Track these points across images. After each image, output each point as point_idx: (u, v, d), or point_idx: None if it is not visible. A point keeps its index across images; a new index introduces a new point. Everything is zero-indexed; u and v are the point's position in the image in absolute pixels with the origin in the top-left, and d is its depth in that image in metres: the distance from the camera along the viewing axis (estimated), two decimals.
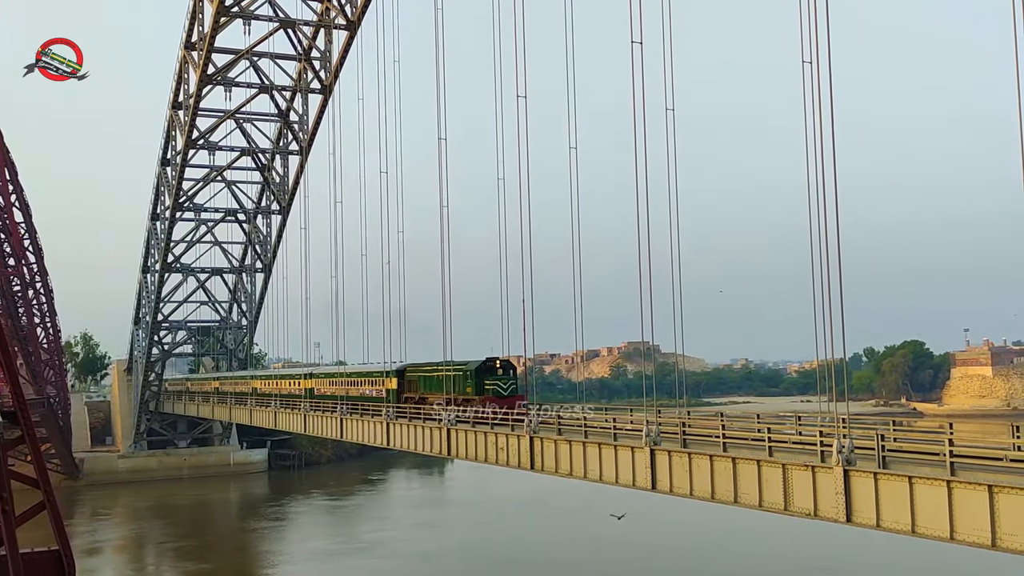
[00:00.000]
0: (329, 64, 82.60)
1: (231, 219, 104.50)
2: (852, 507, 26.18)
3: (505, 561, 65.23)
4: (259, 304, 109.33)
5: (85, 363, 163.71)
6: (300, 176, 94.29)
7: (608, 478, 36.05)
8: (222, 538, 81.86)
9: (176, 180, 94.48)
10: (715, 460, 30.95)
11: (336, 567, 65.32)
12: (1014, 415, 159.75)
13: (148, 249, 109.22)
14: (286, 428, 77.00)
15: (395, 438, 54.25)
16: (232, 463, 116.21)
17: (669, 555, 64.14)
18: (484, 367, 50.13)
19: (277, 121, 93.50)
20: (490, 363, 50.29)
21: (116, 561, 71.23)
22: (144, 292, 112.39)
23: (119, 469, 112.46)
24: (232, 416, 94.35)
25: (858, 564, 56.62)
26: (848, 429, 26.75)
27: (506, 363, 50.65)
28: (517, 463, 41.62)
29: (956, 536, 23.56)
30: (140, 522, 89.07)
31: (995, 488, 22.67)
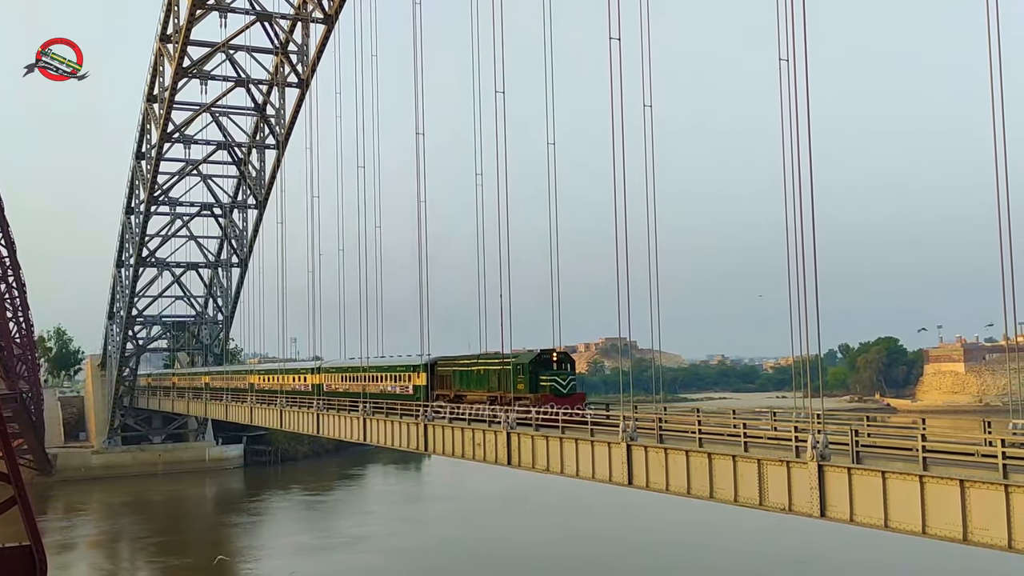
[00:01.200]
0: (306, 58, 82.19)
1: (207, 213, 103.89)
2: (826, 502, 26.39)
3: (490, 557, 65.07)
4: (235, 299, 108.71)
5: (58, 358, 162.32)
6: (277, 170, 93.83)
7: (585, 474, 36.16)
8: (201, 534, 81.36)
9: (151, 174, 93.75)
10: (691, 456, 31.10)
11: (322, 561, 64.90)
12: (986, 411, 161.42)
13: (122, 243, 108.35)
14: (262, 424, 76.58)
15: (371, 434, 54.12)
16: (207, 459, 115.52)
17: (652, 550, 64.32)
18: (539, 360, 43.87)
19: (253, 115, 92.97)
20: (545, 355, 43.95)
21: (90, 557, 70.66)
22: (118, 287, 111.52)
23: (93, 465, 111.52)
24: (208, 412, 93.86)
25: (835, 560, 57.06)
26: (823, 425, 26.97)
27: (564, 356, 44.77)
28: (494, 459, 41.63)
29: (928, 530, 23.80)
30: (114, 518, 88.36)
31: (967, 483, 22.92)
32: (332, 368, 66.98)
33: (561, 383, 43.06)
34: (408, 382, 54.94)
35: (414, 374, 54.10)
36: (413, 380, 54.26)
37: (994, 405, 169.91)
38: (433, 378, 52.51)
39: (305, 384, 70.41)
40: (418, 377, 53.57)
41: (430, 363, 52.92)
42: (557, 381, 43.07)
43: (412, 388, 54.23)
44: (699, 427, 31.07)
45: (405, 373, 55.33)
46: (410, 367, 54.77)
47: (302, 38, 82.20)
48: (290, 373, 75.16)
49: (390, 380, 57.05)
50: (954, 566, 48.38)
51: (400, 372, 56.09)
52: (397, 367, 56.72)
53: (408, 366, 55.20)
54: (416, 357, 54.89)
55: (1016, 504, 21.87)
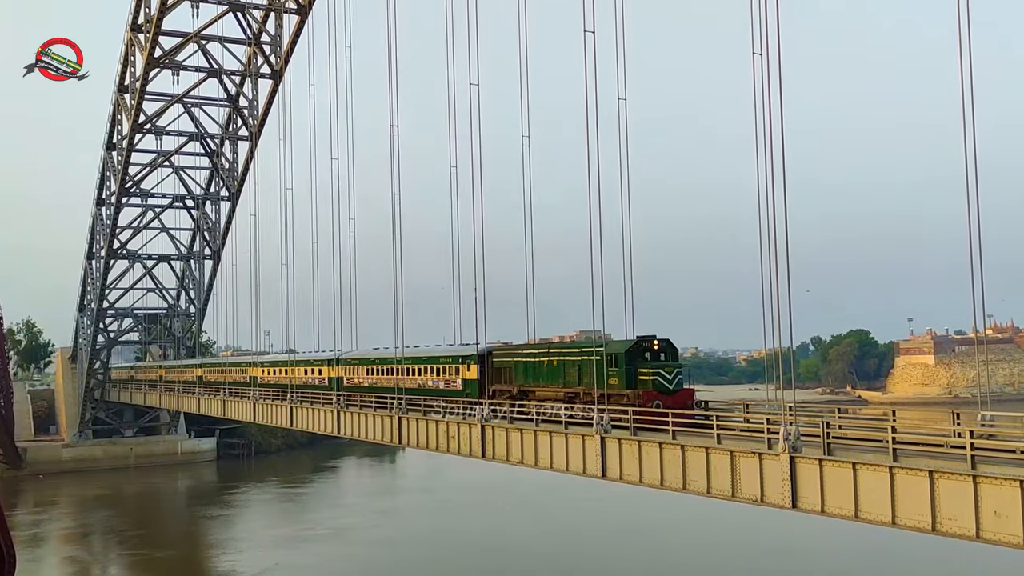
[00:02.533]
0: (279, 49, 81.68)
1: (179, 205, 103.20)
2: (798, 493, 26.60)
3: (471, 547, 65.08)
4: (208, 291, 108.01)
5: (28, 351, 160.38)
6: (250, 162, 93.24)
7: (559, 466, 36.25)
8: (178, 527, 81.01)
9: (122, 165, 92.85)
10: (664, 448, 31.24)
11: (306, 553, 64.49)
12: (955, 403, 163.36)
13: (93, 235, 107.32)
14: (235, 417, 76.22)
15: (345, 426, 53.98)
16: (180, 452, 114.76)
17: (630, 540, 64.57)
18: (638, 349, 36.89)
19: (226, 106, 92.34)
20: (645, 343, 36.97)
21: (62, 551, 70.06)
22: (89, 279, 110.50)
23: (63, 458, 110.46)
24: (180, 405, 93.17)
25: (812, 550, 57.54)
26: (794, 417, 27.16)
27: (666, 343, 37.66)
28: (468, 451, 41.66)
29: (898, 521, 24.06)
30: (86, 512, 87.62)
31: (936, 474, 23.19)
32: (356, 359, 59.17)
33: (666, 377, 36.45)
34: (455, 376, 47.98)
35: (463, 366, 47.27)
36: (462, 373, 47.39)
37: (963, 397, 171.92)
38: (488, 371, 45.49)
39: (320, 378, 63.24)
40: (468, 370, 46.82)
41: (484, 353, 45.84)
42: (661, 375, 36.43)
43: (460, 383, 47.33)
44: (671, 419, 31.19)
45: (451, 365, 48.38)
46: (458, 358, 47.85)
47: (275, 29, 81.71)
48: (301, 365, 66.87)
49: (431, 373, 49.91)
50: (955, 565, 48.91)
51: (445, 364, 49.02)
52: (440, 358, 49.78)
53: (455, 357, 48.20)
54: (463, 346, 47.74)
55: (984, 494, 22.16)
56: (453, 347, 49.03)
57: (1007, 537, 21.70)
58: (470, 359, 46.60)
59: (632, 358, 36.66)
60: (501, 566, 59.65)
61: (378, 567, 61.00)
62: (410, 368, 51.40)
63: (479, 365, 45.88)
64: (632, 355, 36.68)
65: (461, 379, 47.31)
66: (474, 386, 45.98)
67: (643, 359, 36.87)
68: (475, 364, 46.18)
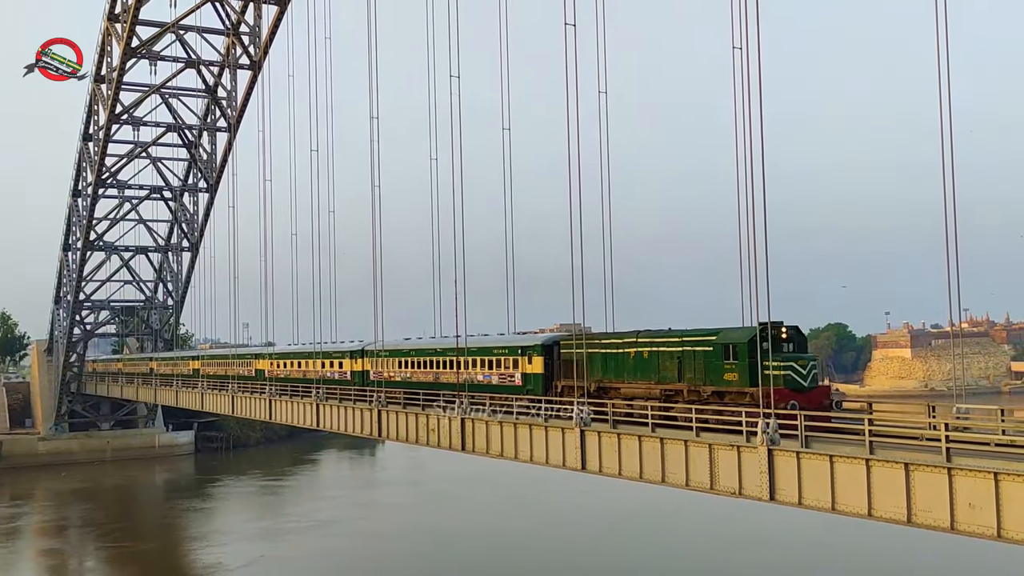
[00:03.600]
0: (258, 39, 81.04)
1: (156, 197, 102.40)
2: (775, 486, 26.77)
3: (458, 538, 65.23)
4: (186, 284, 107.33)
5: (3, 343, 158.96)
6: (228, 153, 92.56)
7: (539, 459, 36.33)
8: (159, 519, 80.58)
9: (99, 156, 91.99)
10: (644, 440, 31.35)
11: (290, 546, 64.29)
12: (931, 396, 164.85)
13: (69, 226, 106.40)
14: (213, 409, 75.76)
15: (325, 419, 53.82)
16: (157, 445, 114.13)
17: (613, 532, 64.84)
18: (761, 338, 30.02)
19: (204, 97, 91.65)
20: (771, 331, 30.20)
21: (38, 544, 69.54)
22: (65, 271, 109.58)
23: (39, 452, 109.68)
24: (158, 398, 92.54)
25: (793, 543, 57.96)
26: (772, 410, 27.28)
27: (795, 331, 31.70)
28: (448, 444, 41.64)
29: (874, 513, 24.26)
30: (63, 505, 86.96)
31: (911, 466, 23.39)
32: (386, 351, 52.71)
33: (800, 371, 30.54)
34: (514, 369, 42.43)
35: (522, 358, 41.97)
36: (522, 366, 42.00)
37: (939, 390, 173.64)
38: (553, 363, 40.48)
39: (342, 372, 58.05)
40: (529, 363, 41.59)
41: (549, 343, 41.07)
42: (795, 368, 30.48)
43: (520, 378, 41.97)
44: (651, 412, 31.29)
45: (508, 357, 42.85)
46: (516, 349, 42.41)
47: (254, 19, 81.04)
48: (319, 357, 60.58)
49: (482, 367, 44.41)
50: None
51: (499, 356, 43.44)
52: (494, 349, 43.91)
53: (512, 348, 42.70)
54: (518, 335, 43.08)
55: (958, 486, 22.37)
56: (508, 336, 43.73)
57: (981, 529, 21.92)
58: (532, 350, 41.47)
59: (756, 349, 30.29)
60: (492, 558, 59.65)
61: (365, 559, 60.76)
62: (453, 361, 45.68)
63: (544, 357, 40.82)
64: (756, 345, 30.31)
65: (520, 373, 41.89)
66: (537, 381, 40.80)
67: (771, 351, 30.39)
68: (539, 356, 41.09)
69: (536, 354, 41.19)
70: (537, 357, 41.13)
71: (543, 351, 40.85)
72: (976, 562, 46.64)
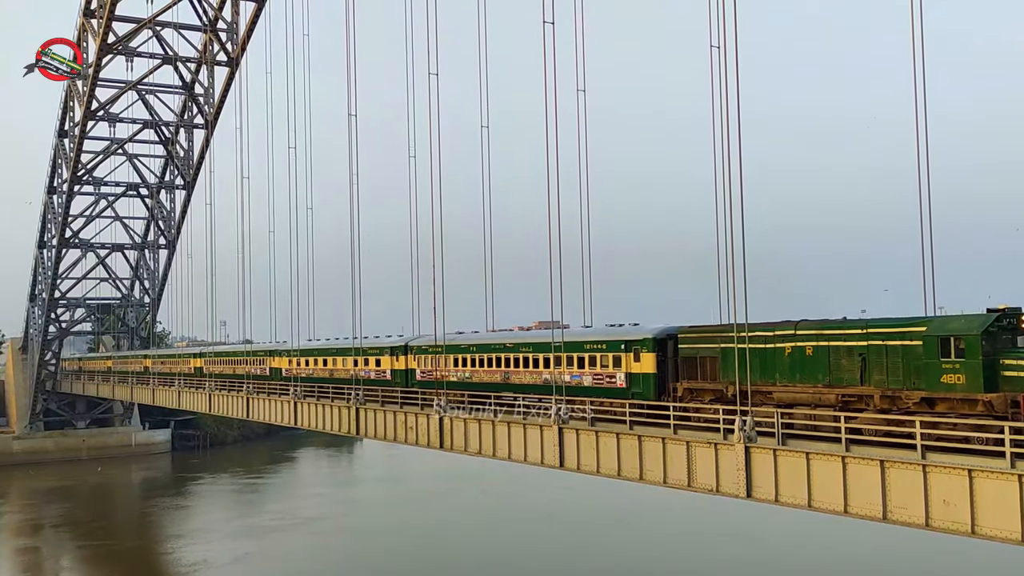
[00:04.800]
0: (236, 36, 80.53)
1: (133, 194, 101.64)
2: (752, 483, 26.93)
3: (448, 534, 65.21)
4: (162, 281, 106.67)
5: None
6: (205, 150, 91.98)
7: (517, 457, 36.38)
8: (140, 517, 79.79)
9: (74, 152, 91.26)
10: (622, 438, 31.46)
11: (276, 543, 63.74)
12: None
13: (44, 223, 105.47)
14: (190, 408, 75.41)
15: (302, 417, 53.68)
16: (134, 444, 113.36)
17: (609, 527, 64.96)
18: (997, 329, 24.09)
19: (181, 93, 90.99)
20: (1008, 320, 24.31)
21: (13, 543, 68.81)
22: (40, 268, 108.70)
23: (14, 451, 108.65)
24: (134, 396, 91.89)
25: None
26: (750, 407, 27.43)
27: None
28: (427, 442, 41.65)
29: (850, 510, 24.46)
30: (38, 504, 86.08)
31: (886, 463, 23.60)
32: (439, 347, 45.51)
33: None
34: (615, 368, 35.59)
35: (627, 355, 35.09)
36: (626, 365, 35.18)
37: None
38: (668, 360, 34.08)
39: (379, 370, 51.12)
40: (636, 360, 34.81)
41: (664, 336, 34.35)
42: None
43: (623, 378, 35.17)
44: (629, 410, 31.39)
45: (607, 354, 35.97)
46: (618, 343, 35.56)
47: (232, 15, 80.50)
48: (351, 354, 52.96)
49: (572, 365, 37.66)
50: None
51: (596, 352, 36.56)
52: (586, 344, 37.05)
53: (613, 342, 35.83)
54: (621, 328, 36.88)
55: (932, 483, 22.59)
56: (606, 328, 37.78)
57: (955, 525, 22.15)
58: (641, 344, 34.63)
59: (991, 342, 23.82)
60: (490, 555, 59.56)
61: (351, 556, 60.46)
62: (529, 358, 39.84)
63: (656, 353, 34.19)
64: (990, 338, 23.85)
65: (624, 373, 35.09)
66: (648, 383, 34.13)
67: (1010, 344, 24.04)
68: (649, 351, 34.32)
69: (646, 349, 34.34)
70: (648, 353, 34.28)
71: (655, 346, 34.16)
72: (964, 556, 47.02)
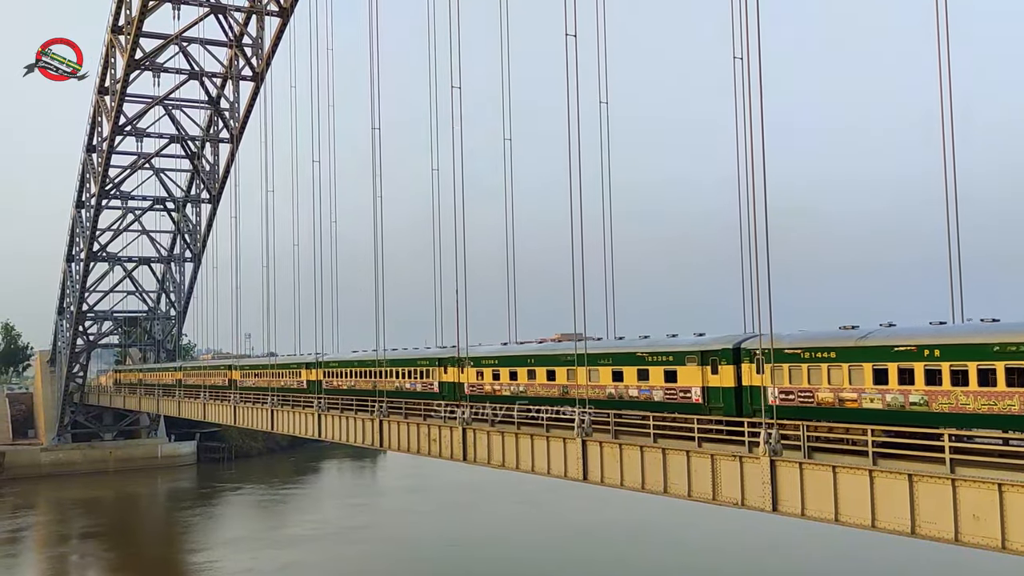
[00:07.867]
0: (261, 51, 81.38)
1: (159, 208, 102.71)
2: (778, 497, 26.63)
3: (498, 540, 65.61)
4: (188, 294, 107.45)
5: (6, 354, 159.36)
6: (231, 164, 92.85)
7: (540, 469, 36.18)
8: (172, 527, 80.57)
9: (102, 167, 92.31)
10: (645, 451, 31.20)
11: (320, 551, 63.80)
12: None
13: (73, 237, 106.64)
14: (214, 420, 75.81)
15: (327, 430, 53.77)
16: (160, 456, 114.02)
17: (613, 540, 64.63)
18: None
19: (207, 108, 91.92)
20: None
21: (39, 553, 69.28)
22: (68, 281, 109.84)
23: (42, 463, 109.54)
24: (160, 408, 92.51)
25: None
26: (775, 420, 27.16)
27: None
28: (450, 454, 41.53)
29: (878, 524, 24.11)
30: (66, 516, 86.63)
31: (915, 477, 23.25)
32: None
33: None
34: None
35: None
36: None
37: None
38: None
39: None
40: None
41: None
42: None
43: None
44: (653, 422, 31.14)
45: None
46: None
47: (257, 31, 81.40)
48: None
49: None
50: None
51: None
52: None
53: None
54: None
55: (962, 498, 22.23)
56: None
57: (985, 540, 21.78)
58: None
59: None
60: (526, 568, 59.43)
61: (398, 564, 60.62)
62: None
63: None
64: None
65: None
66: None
67: None
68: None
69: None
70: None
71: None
72: None
